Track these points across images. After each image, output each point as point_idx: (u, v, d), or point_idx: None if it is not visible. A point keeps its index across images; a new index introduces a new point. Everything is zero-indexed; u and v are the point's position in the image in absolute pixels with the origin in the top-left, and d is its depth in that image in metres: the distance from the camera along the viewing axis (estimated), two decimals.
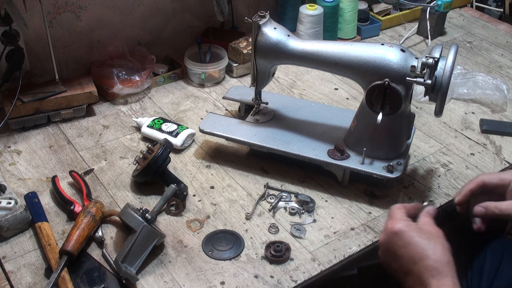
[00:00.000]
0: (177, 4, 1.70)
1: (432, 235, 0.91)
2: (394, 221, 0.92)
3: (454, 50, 1.12)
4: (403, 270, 0.90)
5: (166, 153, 1.24)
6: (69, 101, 1.45)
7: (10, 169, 1.32)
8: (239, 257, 1.11)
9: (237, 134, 1.33)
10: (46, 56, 1.50)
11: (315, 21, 1.75)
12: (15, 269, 1.07)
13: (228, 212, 1.22)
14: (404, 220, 0.93)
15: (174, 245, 1.13)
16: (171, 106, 1.56)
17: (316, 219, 1.21)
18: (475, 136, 1.49)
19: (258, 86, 1.35)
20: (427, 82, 1.11)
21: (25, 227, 1.15)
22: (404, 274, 0.90)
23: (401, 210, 0.96)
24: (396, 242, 0.91)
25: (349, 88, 1.67)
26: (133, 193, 1.26)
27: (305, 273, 1.08)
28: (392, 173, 1.22)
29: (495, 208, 0.99)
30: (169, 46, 1.75)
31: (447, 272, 0.87)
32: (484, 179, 1.03)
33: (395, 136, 1.25)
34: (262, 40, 1.25)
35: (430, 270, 0.86)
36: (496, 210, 0.99)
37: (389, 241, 0.92)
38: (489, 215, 1.00)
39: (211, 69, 1.63)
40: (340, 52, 1.21)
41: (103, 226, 1.17)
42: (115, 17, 1.61)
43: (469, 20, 2.09)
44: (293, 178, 1.31)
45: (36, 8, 1.43)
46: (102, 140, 1.42)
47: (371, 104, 1.20)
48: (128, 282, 1.05)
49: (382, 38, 1.94)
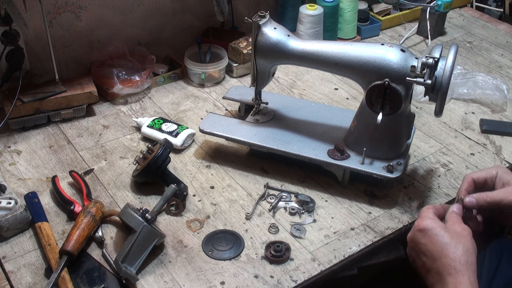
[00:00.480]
0: (177, 4, 1.70)
1: (456, 234, 0.94)
2: (421, 219, 0.97)
3: (454, 50, 1.12)
4: (425, 267, 0.93)
5: (166, 153, 1.24)
6: (69, 101, 1.45)
7: (10, 169, 1.32)
8: (239, 257, 1.11)
9: (237, 134, 1.33)
10: (46, 56, 1.50)
11: (315, 21, 1.75)
12: (15, 269, 1.07)
13: (228, 212, 1.22)
14: (431, 219, 0.96)
15: (174, 245, 1.13)
16: (171, 106, 1.56)
17: (316, 219, 1.21)
18: (475, 136, 1.49)
19: (258, 86, 1.35)
20: (427, 82, 1.11)
21: (25, 227, 1.15)
22: (426, 271, 0.93)
23: (430, 210, 1.00)
24: (420, 240, 0.95)
25: (349, 88, 1.67)
26: (133, 193, 1.26)
27: (305, 273, 1.08)
28: (392, 173, 1.22)
29: (486, 197, 1.02)
30: (169, 46, 1.75)
31: (464, 271, 0.89)
32: (472, 176, 1.07)
33: (395, 136, 1.25)
34: (262, 40, 1.25)
35: (448, 268, 0.89)
36: (488, 198, 1.02)
37: (414, 238, 0.96)
38: (480, 204, 1.03)
39: (211, 69, 1.63)
40: (340, 52, 1.21)
41: (103, 226, 1.17)
42: (115, 17, 1.61)
43: (469, 20, 2.09)
44: (293, 178, 1.31)
45: (36, 8, 1.43)
46: (102, 140, 1.42)
47: (371, 104, 1.20)
48: (128, 282, 1.05)
49: (382, 38, 1.94)
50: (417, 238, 0.96)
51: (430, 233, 0.94)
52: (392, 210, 1.24)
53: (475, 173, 1.08)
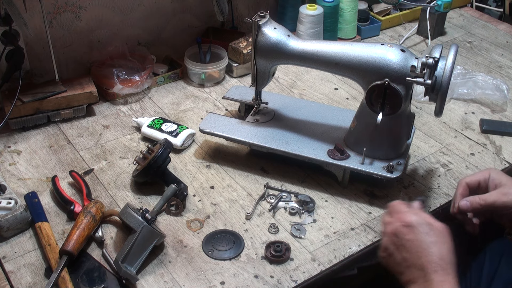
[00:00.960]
0: (177, 4, 1.70)
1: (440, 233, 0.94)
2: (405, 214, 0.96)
3: (454, 50, 1.12)
4: (406, 262, 0.92)
5: (166, 153, 1.24)
6: (69, 101, 1.45)
7: (10, 169, 1.32)
8: (239, 257, 1.11)
9: (237, 134, 1.33)
10: (46, 56, 1.50)
11: (315, 21, 1.75)
12: (15, 269, 1.07)
13: (228, 212, 1.22)
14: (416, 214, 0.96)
15: (174, 245, 1.13)
16: (171, 106, 1.56)
17: (316, 219, 1.21)
18: (475, 136, 1.49)
19: (258, 86, 1.35)
20: (427, 82, 1.11)
21: (25, 227, 1.15)
22: (406, 266, 0.92)
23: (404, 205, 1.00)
24: (405, 235, 0.94)
25: (349, 88, 1.67)
26: (133, 193, 1.26)
27: (305, 273, 1.08)
28: (392, 173, 1.22)
29: (479, 200, 1.04)
30: (169, 46, 1.75)
31: (449, 271, 0.90)
32: (465, 181, 1.09)
33: (395, 136, 1.25)
34: (262, 40, 1.25)
35: (433, 265, 0.89)
36: (481, 201, 1.03)
37: (399, 233, 0.95)
38: (474, 207, 1.05)
39: (211, 69, 1.63)
40: (340, 52, 1.21)
41: (103, 226, 1.17)
42: (115, 17, 1.61)
43: (469, 20, 2.09)
44: (293, 178, 1.31)
45: (36, 8, 1.43)
46: (102, 140, 1.42)
47: (371, 104, 1.20)
48: (128, 282, 1.05)
49: (382, 38, 1.94)
50: (401, 233, 0.95)
51: (416, 230, 0.94)
52: None
53: (468, 177, 1.09)
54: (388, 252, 0.96)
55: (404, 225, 0.95)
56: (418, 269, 0.91)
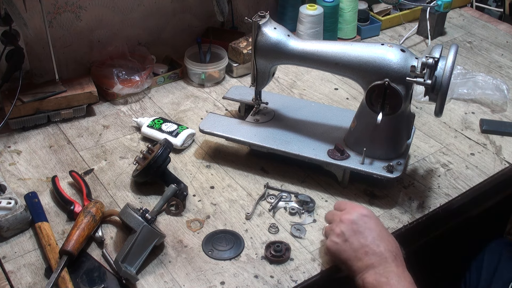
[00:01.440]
0: (177, 4, 1.70)
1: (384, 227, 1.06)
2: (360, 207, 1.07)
3: (454, 50, 1.12)
4: (364, 249, 1.00)
5: (166, 153, 1.24)
6: (69, 101, 1.45)
7: (10, 169, 1.32)
8: (239, 257, 1.11)
9: (237, 134, 1.33)
10: (46, 56, 1.50)
11: (315, 21, 1.75)
12: (15, 269, 1.07)
13: (228, 212, 1.22)
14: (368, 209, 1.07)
15: (174, 245, 1.13)
16: (171, 106, 1.56)
17: (316, 219, 1.21)
18: (475, 136, 1.49)
19: (258, 86, 1.35)
20: (427, 82, 1.11)
21: (25, 227, 1.15)
22: (364, 253, 1.00)
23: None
24: (365, 224, 1.03)
25: (349, 88, 1.67)
26: (133, 193, 1.26)
27: (305, 273, 1.08)
28: (392, 173, 1.22)
29: None
30: (169, 46, 1.75)
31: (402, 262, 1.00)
32: None
33: (395, 136, 1.25)
34: (262, 40, 1.25)
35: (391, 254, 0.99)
36: None
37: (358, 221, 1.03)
38: None
39: (211, 69, 1.63)
40: (340, 52, 1.21)
41: (103, 226, 1.17)
42: (115, 17, 1.61)
43: (469, 20, 2.09)
44: (293, 178, 1.31)
45: (36, 8, 1.43)
46: (102, 140, 1.42)
47: (371, 104, 1.20)
48: (128, 282, 1.05)
49: (382, 38, 1.94)
50: (362, 221, 1.03)
51: (375, 220, 1.04)
52: (392, 210, 1.24)
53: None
54: (342, 238, 1.02)
55: (365, 215, 1.04)
56: (378, 255, 0.98)
